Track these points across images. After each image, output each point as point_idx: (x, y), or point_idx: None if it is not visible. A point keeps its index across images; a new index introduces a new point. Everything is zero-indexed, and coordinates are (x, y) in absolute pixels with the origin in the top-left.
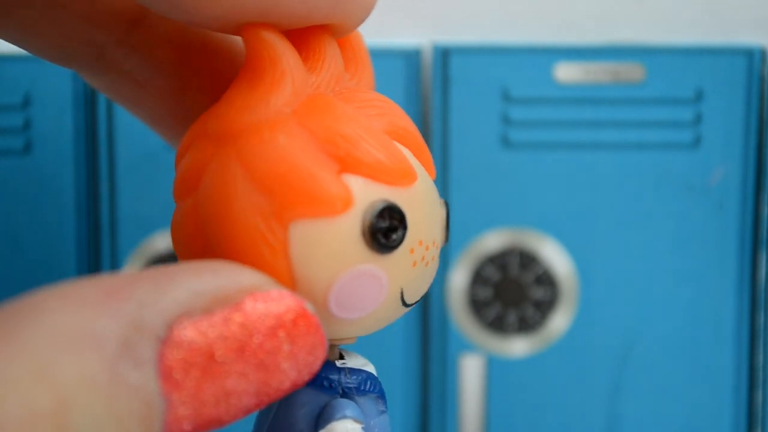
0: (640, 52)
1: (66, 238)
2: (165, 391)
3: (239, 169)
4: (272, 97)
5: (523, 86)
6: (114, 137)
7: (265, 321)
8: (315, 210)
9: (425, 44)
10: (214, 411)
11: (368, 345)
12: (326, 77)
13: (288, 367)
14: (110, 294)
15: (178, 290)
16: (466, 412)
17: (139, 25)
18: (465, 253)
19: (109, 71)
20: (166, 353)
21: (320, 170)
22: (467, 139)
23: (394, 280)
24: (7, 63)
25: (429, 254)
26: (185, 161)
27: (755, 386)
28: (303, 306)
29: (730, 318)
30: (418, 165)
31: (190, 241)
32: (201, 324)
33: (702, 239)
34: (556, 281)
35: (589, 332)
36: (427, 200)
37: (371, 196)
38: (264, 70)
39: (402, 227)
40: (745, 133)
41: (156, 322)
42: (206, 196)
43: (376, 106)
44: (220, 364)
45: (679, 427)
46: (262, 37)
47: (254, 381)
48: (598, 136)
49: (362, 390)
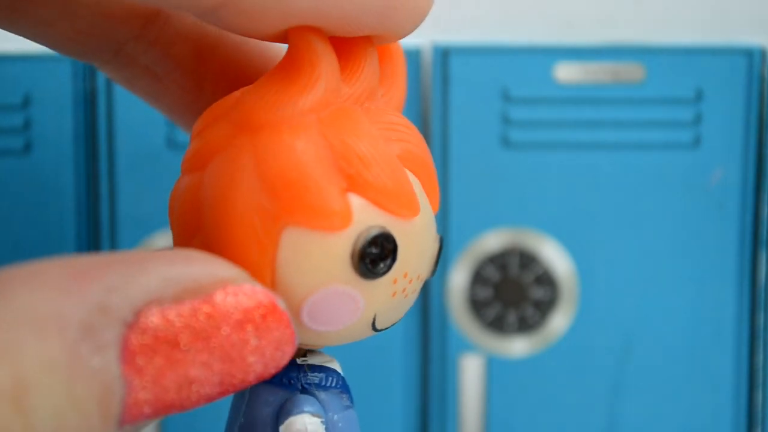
0: (640, 52)
1: (66, 238)
2: (126, 375)
3: (251, 162)
4: (301, 99)
5: (523, 86)
6: (114, 137)
7: (234, 314)
8: (312, 221)
9: (425, 44)
10: (176, 397)
11: (368, 345)
12: (359, 90)
13: (254, 360)
14: (78, 276)
15: (150, 276)
16: (466, 412)
17: (156, 21)
18: (465, 253)
19: (128, 66)
20: (130, 338)
21: (328, 184)
22: (467, 139)
23: (370, 305)
24: (7, 63)
25: (411, 287)
26: (202, 137)
27: (755, 386)
28: (274, 302)
29: (730, 318)
30: (425, 198)
31: (185, 215)
32: (169, 312)
33: (702, 239)
34: (556, 281)
35: (589, 332)
36: (424, 235)
37: (370, 220)
38: (301, 70)
39: (391, 258)
40: (745, 133)
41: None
42: (213, 177)
43: (398, 131)
44: (184, 352)
45: (679, 427)
46: (307, 39)
47: (218, 372)
48: (598, 136)
49: (323, 386)
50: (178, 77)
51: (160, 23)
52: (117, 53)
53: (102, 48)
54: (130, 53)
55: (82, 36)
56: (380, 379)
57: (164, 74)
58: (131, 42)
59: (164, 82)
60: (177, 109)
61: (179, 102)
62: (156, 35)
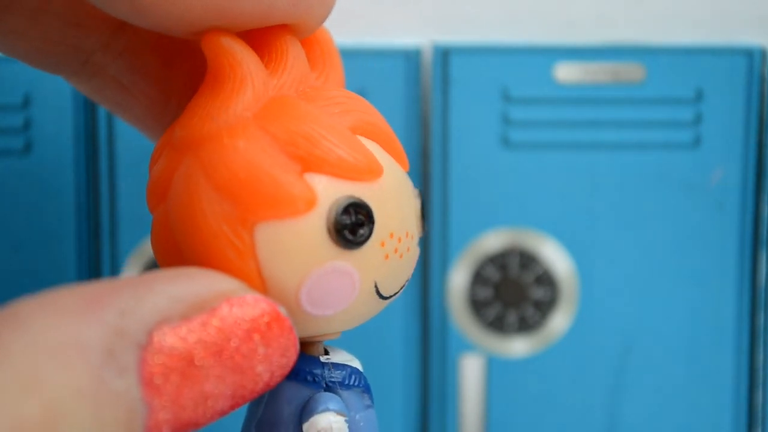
0: (640, 52)
1: (66, 239)
2: (146, 396)
3: (202, 177)
4: (232, 104)
5: (523, 86)
6: (114, 137)
7: (242, 325)
8: (278, 212)
9: (425, 44)
10: (193, 414)
11: (368, 345)
12: (289, 78)
13: (262, 369)
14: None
15: (157, 297)
16: (466, 412)
17: (125, 31)
18: (465, 253)
19: (95, 76)
20: (147, 359)
21: (281, 172)
22: (467, 139)
23: (366, 274)
24: (7, 63)
25: (403, 246)
26: (154, 171)
27: (755, 386)
28: (276, 309)
29: (730, 318)
30: (388, 158)
31: (167, 248)
32: (180, 329)
33: (702, 239)
34: (556, 281)
35: (589, 332)
36: (397, 193)
37: (336, 193)
38: (224, 78)
39: (369, 222)
40: (745, 133)
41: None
42: (174, 204)
43: (340, 103)
44: (198, 368)
45: (679, 427)
46: (221, 44)
47: (231, 384)
48: (598, 136)
49: (346, 384)
50: (145, 87)
51: (128, 33)
52: (84, 63)
53: (70, 58)
54: (98, 63)
55: (51, 45)
56: (380, 379)
57: (131, 84)
58: (99, 52)
59: (132, 92)
60: (145, 120)
61: (147, 113)
62: (124, 45)
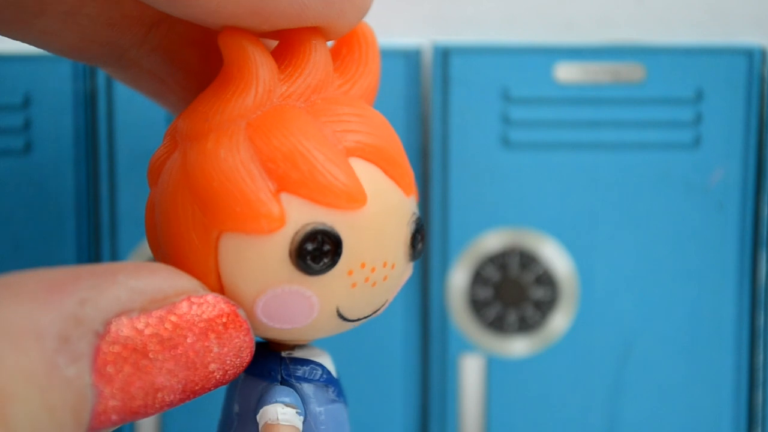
0: (640, 52)
1: (66, 238)
2: (97, 383)
3: (183, 175)
4: (230, 106)
5: (523, 86)
6: (114, 137)
7: (199, 323)
8: (244, 227)
9: (425, 44)
10: (142, 404)
11: (368, 345)
12: (302, 86)
13: (215, 367)
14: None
15: (119, 288)
16: (466, 412)
17: (159, 28)
18: (465, 253)
19: (131, 68)
20: (102, 348)
21: (255, 188)
22: (467, 139)
23: (326, 300)
24: (7, 63)
25: (378, 275)
26: (157, 151)
27: (755, 386)
28: (235, 311)
29: (730, 318)
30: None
31: (151, 228)
32: (137, 322)
33: (702, 239)
34: (556, 281)
35: (589, 332)
36: (381, 222)
37: (307, 218)
38: (232, 78)
39: (335, 252)
40: (745, 133)
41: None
42: (159, 192)
43: (345, 122)
44: (152, 360)
45: (679, 427)
46: (236, 44)
47: (182, 379)
48: (598, 136)
49: (306, 378)
50: (181, 79)
51: (162, 30)
52: (120, 58)
53: (105, 54)
54: (133, 58)
55: (86, 44)
56: (380, 379)
57: (167, 76)
58: (134, 47)
59: (168, 83)
60: (181, 107)
61: (183, 101)
62: (158, 41)
